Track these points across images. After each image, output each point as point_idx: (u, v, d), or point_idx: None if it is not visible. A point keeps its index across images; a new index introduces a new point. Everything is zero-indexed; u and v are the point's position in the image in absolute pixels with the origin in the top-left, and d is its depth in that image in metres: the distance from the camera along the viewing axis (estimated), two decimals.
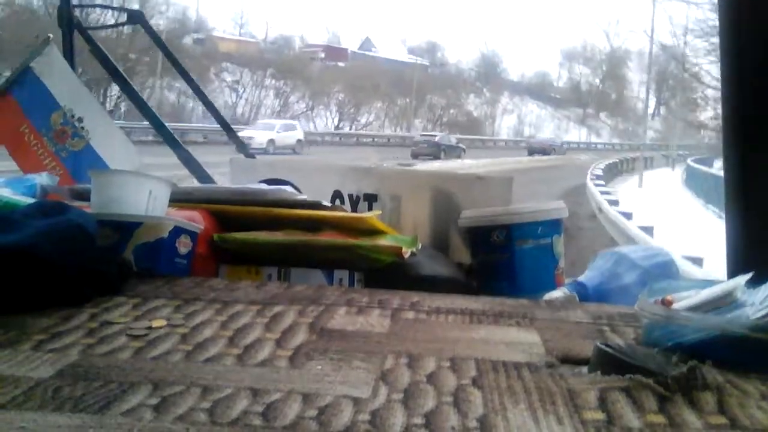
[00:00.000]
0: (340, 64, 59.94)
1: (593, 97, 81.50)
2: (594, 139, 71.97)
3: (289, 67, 48.53)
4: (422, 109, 60.51)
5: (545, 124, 72.58)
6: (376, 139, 45.19)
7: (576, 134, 73.09)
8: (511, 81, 77.95)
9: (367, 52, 68.76)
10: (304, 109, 47.60)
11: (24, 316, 0.95)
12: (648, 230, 9.22)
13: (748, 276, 0.97)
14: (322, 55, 60.96)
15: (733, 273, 1.20)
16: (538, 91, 78.90)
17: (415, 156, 37.43)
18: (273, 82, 47.25)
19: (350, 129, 49.52)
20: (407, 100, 56.38)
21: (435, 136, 42.32)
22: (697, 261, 6.47)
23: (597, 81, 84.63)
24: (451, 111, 62.71)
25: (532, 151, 49.70)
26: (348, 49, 68.02)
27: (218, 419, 0.66)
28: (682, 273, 1.54)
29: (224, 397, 0.71)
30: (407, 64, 62.65)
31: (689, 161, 26.95)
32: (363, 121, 53.86)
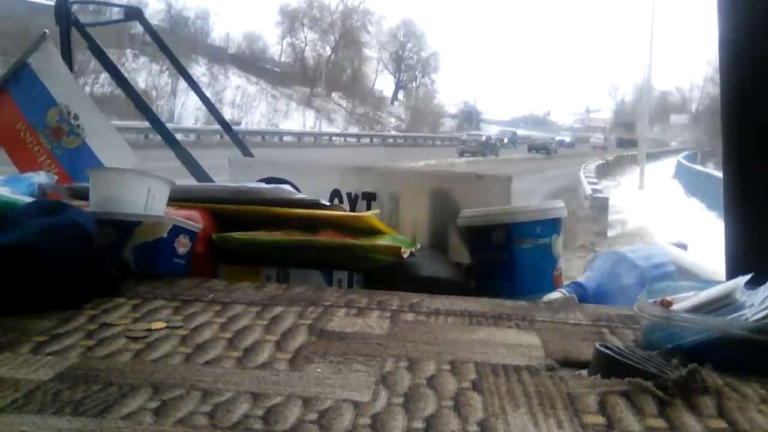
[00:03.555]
0: None
1: (323, 71, 60.87)
2: (326, 127, 52.91)
3: None
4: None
5: (255, 103, 51.89)
6: None
7: (299, 119, 53.12)
8: (210, 45, 54.92)
9: None
10: None
11: (23, 317, 0.95)
12: None
13: (747, 277, 0.97)
14: None
15: (732, 274, 1.20)
16: (249, 60, 57.16)
17: (462, 153, 38.24)
18: None
19: None
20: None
21: (482, 135, 44.54)
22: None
23: (328, 51, 63.31)
24: (98, 80, 34.83)
25: (531, 149, 48.97)
26: None
27: (219, 423, 0.66)
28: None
29: (224, 400, 0.71)
30: (39, 5, 37.15)
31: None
32: None
